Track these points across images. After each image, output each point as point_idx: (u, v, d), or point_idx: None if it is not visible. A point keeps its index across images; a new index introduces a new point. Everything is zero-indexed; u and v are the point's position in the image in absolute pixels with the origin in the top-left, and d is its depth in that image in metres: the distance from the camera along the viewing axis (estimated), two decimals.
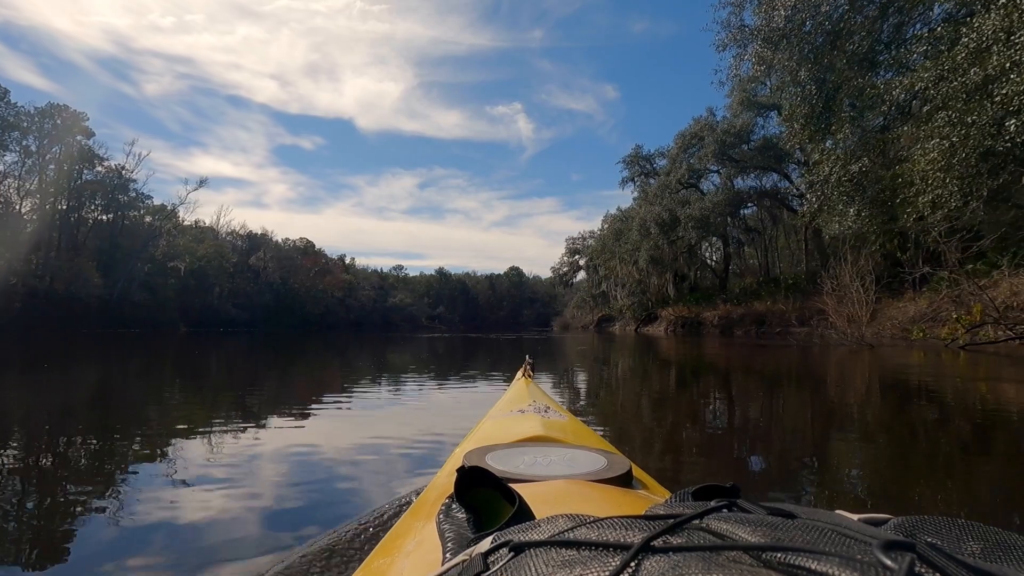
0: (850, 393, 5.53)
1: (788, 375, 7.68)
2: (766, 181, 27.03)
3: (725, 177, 25.77)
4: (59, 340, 17.28)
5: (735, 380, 7.11)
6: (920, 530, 0.36)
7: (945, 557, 0.28)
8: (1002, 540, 0.34)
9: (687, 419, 4.15)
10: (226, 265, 51.13)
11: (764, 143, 24.98)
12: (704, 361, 10.49)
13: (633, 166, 35.86)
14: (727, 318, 27.55)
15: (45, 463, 2.71)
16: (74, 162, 42.33)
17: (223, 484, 2.27)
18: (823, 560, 0.27)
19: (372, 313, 60.99)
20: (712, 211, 24.83)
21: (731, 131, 25.22)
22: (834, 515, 0.39)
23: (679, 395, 5.69)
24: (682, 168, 27.04)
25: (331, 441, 3.11)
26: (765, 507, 0.40)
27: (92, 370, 8.08)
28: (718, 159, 24.90)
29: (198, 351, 13.39)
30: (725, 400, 5.29)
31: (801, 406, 4.96)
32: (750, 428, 3.84)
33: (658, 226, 27.38)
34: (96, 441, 3.18)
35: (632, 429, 3.75)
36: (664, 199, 28.25)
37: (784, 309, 23.44)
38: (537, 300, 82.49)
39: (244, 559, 1.56)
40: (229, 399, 5.21)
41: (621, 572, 0.29)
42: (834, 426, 3.85)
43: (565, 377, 7.47)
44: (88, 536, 1.76)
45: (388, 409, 4.55)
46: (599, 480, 0.83)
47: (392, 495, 2.08)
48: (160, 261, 45.05)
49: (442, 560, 0.49)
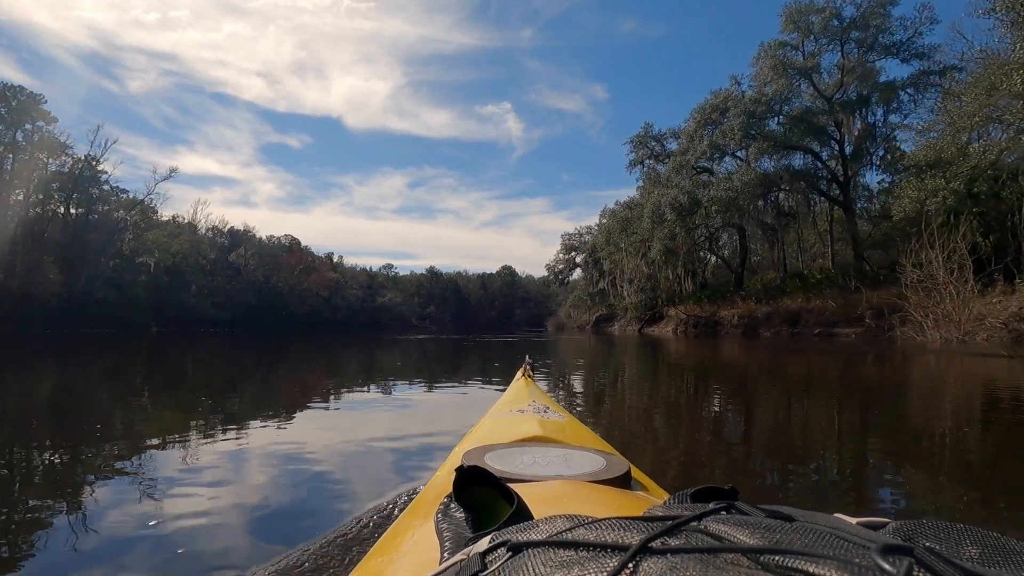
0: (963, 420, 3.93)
1: (897, 394, 5.68)
2: (796, 161, 23.98)
3: (755, 153, 22.49)
4: (9, 340, 16.28)
5: (835, 406, 4.86)
6: (919, 534, 0.36)
7: (943, 561, 0.28)
8: (1001, 545, 0.34)
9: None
10: (203, 262, 48.94)
11: (801, 114, 21.82)
12: (767, 379, 7.56)
13: (641, 147, 32.35)
14: (749, 317, 24.60)
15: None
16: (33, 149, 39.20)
17: (205, 490, 2.15)
18: (821, 563, 0.27)
19: (360, 313, 59.21)
20: (741, 192, 21.57)
21: (761, 101, 22.14)
22: (832, 518, 0.39)
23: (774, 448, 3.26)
24: (703, 144, 23.79)
25: (321, 443, 2.99)
26: (763, 509, 0.40)
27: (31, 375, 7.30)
28: (745, 134, 21.73)
29: (162, 353, 12.26)
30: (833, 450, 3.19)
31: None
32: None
33: (675, 211, 24.08)
34: (53, 452, 2.94)
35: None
36: (681, 181, 25.03)
37: (824, 306, 20.55)
38: (530, 300, 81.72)
39: (235, 562, 1.52)
40: (188, 407, 4.60)
41: (619, 573, 0.29)
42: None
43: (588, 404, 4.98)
44: (68, 545, 1.66)
45: (379, 411, 4.34)
46: (598, 481, 0.83)
47: (388, 494, 2.01)
48: (128, 257, 42.18)
49: (440, 559, 0.50)
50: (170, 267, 45.20)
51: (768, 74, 22.25)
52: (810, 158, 24.35)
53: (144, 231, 43.90)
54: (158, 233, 46.40)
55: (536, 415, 1.38)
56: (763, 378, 7.05)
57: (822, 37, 22.15)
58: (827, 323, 19.95)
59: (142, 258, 42.42)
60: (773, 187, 23.19)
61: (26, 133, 38.82)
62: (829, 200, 24.62)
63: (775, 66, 21.68)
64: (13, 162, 38.46)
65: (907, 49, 21.34)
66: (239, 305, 48.86)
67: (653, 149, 32.16)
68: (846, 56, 22.67)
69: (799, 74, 22.23)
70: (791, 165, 23.53)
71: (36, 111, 38.86)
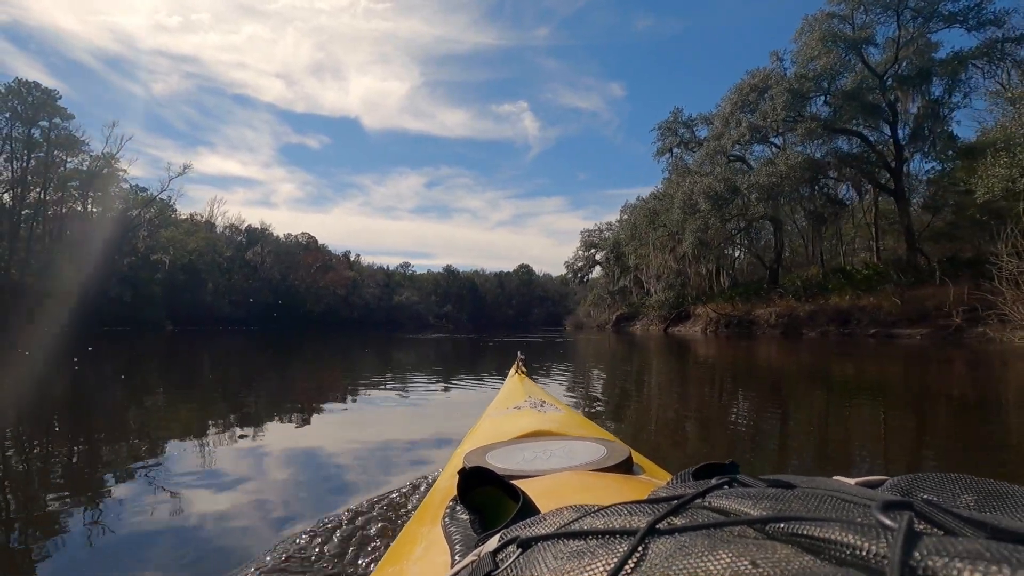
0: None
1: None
2: (842, 147, 21.65)
3: (803, 133, 20.05)
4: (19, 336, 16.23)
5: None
6: (916, 488, 0.37)
7: (942, 512, 0.28)
8: (995, 490, 0.35)
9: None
10: (219, 260, 48.62)
11: (853, 90, 19.53)
12: (846, 387, 6.08)
13: (669, 134, 30.06)
14: (790, 316, 22.62)
15: (20, 471, 2.53)
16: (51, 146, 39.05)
17: (215, 487, 2.18)
18: (825, 526, 0.27)
19: (377, 311, 58.45)
20: (786, 177, 19.37)
21: (808, 77, 19.95)
22: (832, 481, 0.40)
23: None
24: (740, 128, 21.56)
25: (335, 441, 3.04)
26: (764, 480, 0.41)
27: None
28: (788, 115, 19.56)
29: (176, 352, 11.98)
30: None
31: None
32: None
33: (709, 200, 21.93)
34: (71, 449, 2.92)
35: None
36: (715, 167, 22.89)
37: (880, 304, 18.45)
38: (547, 299, 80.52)
39: (242, 554, 1.53)
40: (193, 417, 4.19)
41: (629, 557, 0.30)
42: None
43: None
44: (89, 539, 1.69)
45: (389, 409, 4.32)
46: (600, 469, 0.83)
47: (392, 489, 1.98)
48: (143, 254, 41.90)
49: (451, 563, 0.50)
50: (186, 265, 45.12)
51: (815, 47, 19.98)
52: (856, 142, 22.01)
53: (159, 228, 43.60)
54: (175, 231, 46.17)
55: (533, 410, 1.40)
56: (841, 386, 6.05)
57: (875, 7, 19.88)
58: (883, 323, 17.90)
59: (156, 256, 42.08)
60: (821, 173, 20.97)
61: (43, 130, 38.61)
62: (879, 188, 22.32)
63: (823, 38, 19.41)
64: (30, 159, 38.25)
65: (975, 16, 18.89)
66: (255, 304, 48.53)
67: (682, 136, 30.02)
68: (902, 27, 20.33)
69: (849, 47, 19.89)
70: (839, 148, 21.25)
71: (51, 107, 38.61)
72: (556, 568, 0.31)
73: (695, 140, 29.38)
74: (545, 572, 0.32)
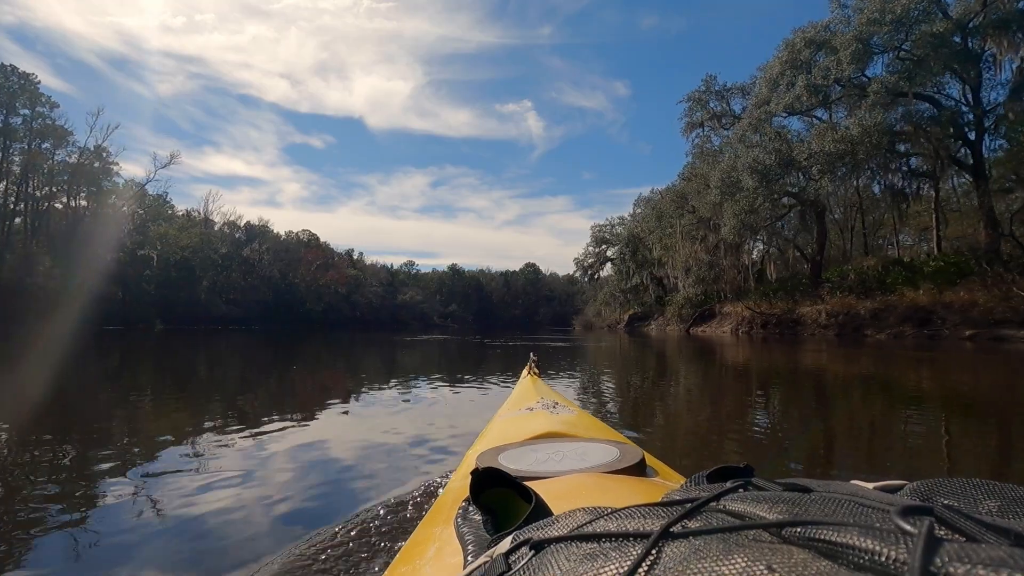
0: None
1: None
2: (922, 108, 17.95)
3: (878, 91, 16.35)
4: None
5: None
6: (936, 493, 0.36)
7: (963, 517, 0.27)
8: (1019, 495, 0.34)
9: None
10: (214, 256, 46.13)
11: (940, 35, 15.87)
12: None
13: (700, 107, 26.30)
14: (846, 315, 19.39)
15: (18, 472, 2.41)
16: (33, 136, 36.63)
17: (225, 490, 2.11)
18: (842, 531, 0.26)
19: (380, 311, 56.12)
20: (860, 143, 15.89)
21: (883, 20, 16.39)
22: (850, 485, 0.39)
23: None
24: (795, 89, 18.01)
25: (337, 441, 2.96)
26: (780, 483, 0.40)
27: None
28: (857, 68, 16.05)
29: (145, 356, 10.85)
30: None
31: None
32: None
33: (757, 176, 18.57)
34: (63, 450, 2.80)
35: None
36: (762, 137, 19.42)
37: (973, 300, 15.07)
38: (554, 298, 78.23)
39: (250, 555, 1.51)
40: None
41: (643, 560, 0.29)
42: None
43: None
44: (86, 541, 1.64)
45: (392, 410, 4.17)
46: (613, 471, 0.83)
47: (402, 490, 1.98)
48: (131, 249, 39.44)
49: (463, 564, 0.50)
50: (179, 262, 42.55)
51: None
52: (927, 107, 18.47)
53: (146, 222, 41.19)
54: (167, 227, 43.77)
55: (546, 411, 1.38)
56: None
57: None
58: (981, 322, 14.65)
59: (143, 251, 39.58)
60: (897, 140, 17.52)
61: (24, 119, 36.17)
62: (954, 164, 18.87)
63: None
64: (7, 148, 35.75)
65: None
66: (253, 302, 46.36)
67: (714, 110, 26.45)
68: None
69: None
70: (919, 110, 17.68)
71: (32, 94, 36.10)
72: (569, 570, 0.31)
73: (730, 113, 25.93)
74: (558, 574, 0.31)
